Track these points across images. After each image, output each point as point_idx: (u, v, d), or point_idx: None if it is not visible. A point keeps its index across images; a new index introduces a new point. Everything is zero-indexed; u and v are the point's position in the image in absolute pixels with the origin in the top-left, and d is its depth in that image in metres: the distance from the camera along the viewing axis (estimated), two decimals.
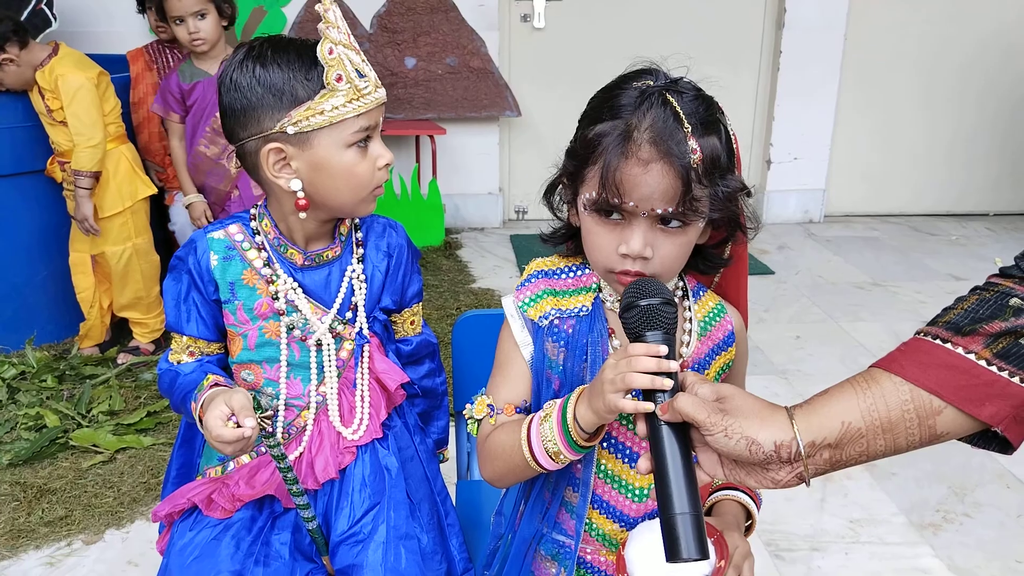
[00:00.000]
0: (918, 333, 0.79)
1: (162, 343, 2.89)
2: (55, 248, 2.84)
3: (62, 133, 2.61)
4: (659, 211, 0.90)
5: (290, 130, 1.06)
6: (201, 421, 1.09)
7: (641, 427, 0.80)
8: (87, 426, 2.36)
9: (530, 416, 0.96)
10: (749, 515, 1.09)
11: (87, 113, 2.56)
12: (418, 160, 4.26)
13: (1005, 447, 0.77)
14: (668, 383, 0.82)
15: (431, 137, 4.10)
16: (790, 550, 1.91)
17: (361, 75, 1.07)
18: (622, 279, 0.95)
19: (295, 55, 1.06)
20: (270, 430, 1.03)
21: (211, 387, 1.10)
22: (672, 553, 0.75)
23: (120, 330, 2.98)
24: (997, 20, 4.46)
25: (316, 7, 1.06)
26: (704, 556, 0.74)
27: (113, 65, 2.83)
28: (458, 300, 3.39)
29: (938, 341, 0.76)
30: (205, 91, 2.66)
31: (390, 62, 4.19)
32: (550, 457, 0.92)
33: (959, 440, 0.78)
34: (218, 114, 2.90)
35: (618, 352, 0.86)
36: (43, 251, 2.84)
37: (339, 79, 1.05)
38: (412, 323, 1.31)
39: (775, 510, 2.03)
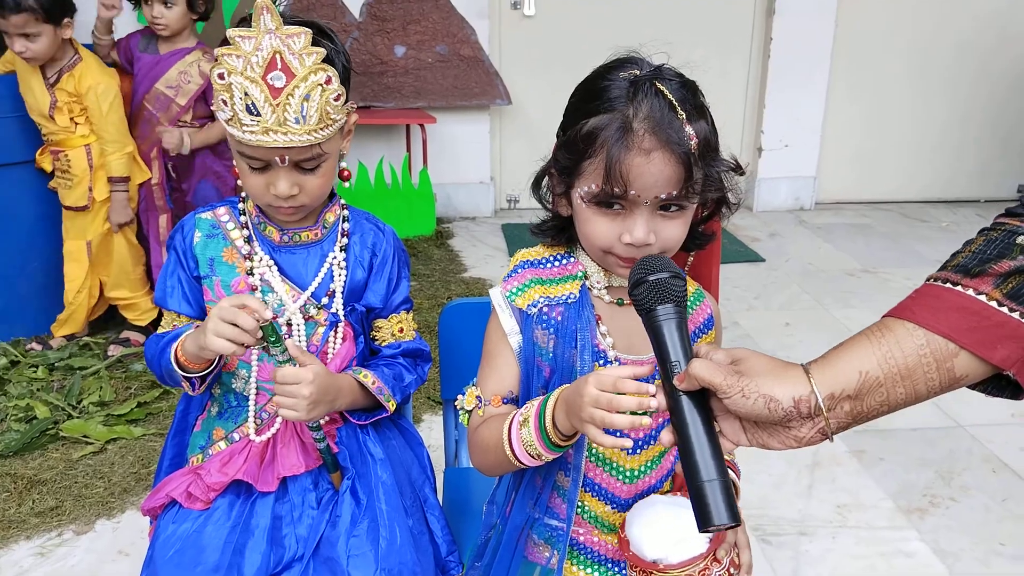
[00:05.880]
0: (929, 279, 0.78)
1: (152, 333, 2.89)
2: (46, 239, 2.83)
3: (58, 125, 2.62)
4: (662, 196, 0.91)
5: (216, 110, 1.10)
6: (179, 363, 1.12)
7: (661, 400, 0.80)
8: (77, 417, 2.36)
9: (511, 415, 0.97)
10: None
11: (122, 121, 2.68)
12: (408, 149, 4.25)
13: (1016, 392, 0.75)
14: (647, 421, 0.82)
15: (421, 126, 4.09)
16: (777, 534, 1.93)
17: (253, 112, 1.04)
18: (622, 263, 0.97)
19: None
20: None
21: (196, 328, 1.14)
22: (704, 521, 0.74)
23: (108, 322, 2.98)
24: (989, 6, 4.47)
25: (229, 32, 1.03)
26: (737, 522, 0.73)
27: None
28: (449, 290, 3.40)
29: (948, 285, 0.75)
30: (148, 67, 2.75)
31: (379, 50, 4.18)
32: (532, 457, 0.94)
33: (971, 388, 0.76)
34: (154, 88, 2.75)
35: (597, 379, 0.84)
36: (34, 242, 2.83)
37: (224, 103, 1.06)
38: (401, 330, 1.30)
39: (763, 495, 2.04)
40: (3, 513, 1.96)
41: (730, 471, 1.12)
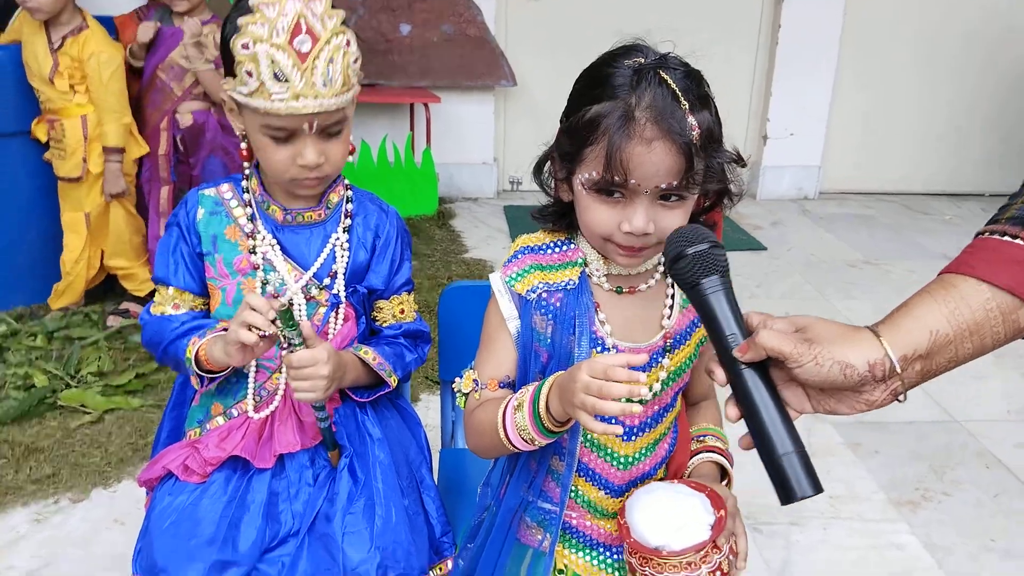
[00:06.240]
0: (981, 232, 0.77)
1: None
2: (44, 210, 2.82)
3: (57, 91, 2.61)
4: (662, 186, 0.91)
5: (230, 91, 1.10)
6: (197, 361, 1.13)
7: (720, 374, 0.79)
8: (75, 386, 2.36)
9: (506, 400, 0.97)
10: (725, 474, 1.13)
11: (122, 92, 2.68)
12: (412, 128, 4.22)
13: None
14: (637, 409, 0.82)
15: (425, 105, 4.07)
16: (769, 523, 1.94)
17: (280, 79, 1.04)
18: (621, 251, 0.97)
19: None
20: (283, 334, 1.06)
21: (222, 329, 1.13)
22: (786, 495, 0.73)
23: (107, 292, 2.97)
24: None
25: (252, 0, 1.03)
26: (819, 490, 0.73)
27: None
28: (449, 270, 3.39)
29: (1007, 238, 0.74)
30: (163, 38, 2.74)
31: (384, 28, 4.14)
32: (525, 442, 0.95)
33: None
34: (168, 58, 2.63)
35: (589, 366, 0.85)
36: (32, 212, 2.83)
37: (248, 74, 1.04)
38: (402, 311, 1.30)
39: (755, 483, 2.04)
40: (0, 480, 1.97)
41: (722, 458, 1.13)
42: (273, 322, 1.04)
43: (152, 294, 1.19)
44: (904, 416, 2.42)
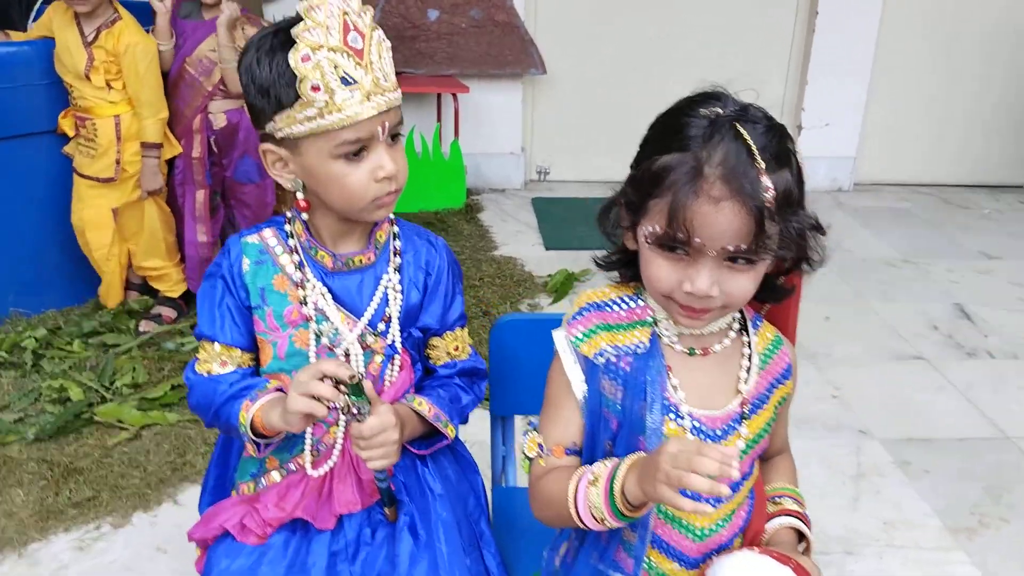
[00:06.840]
0: None
1: (184, 308, 2.85)
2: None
3: (92, 88, 2.56)
4: (730, 248, 0.86)
5: (277, 135, 1.03)
6: (252, 425, 1.06)
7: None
8: (111, 399, 2.34)
9: (579, 472, 0.93)
10: (802, 537, 1.08)
11: (158, 84, 2.62)
12: (439, 119, 4.15)
13: None
14: (726, 491, 0.77)
15: (453, 95, 3.99)
16: (824, 553, 1.89)
17: (348, 82, 0.98)
18: (683, 312, 0.92)
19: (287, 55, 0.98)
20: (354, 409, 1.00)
21: (276, 390, 1.08)
22: None
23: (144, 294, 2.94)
24: None
25: (299, 6, 0.97)
26: None
27: (138, 15, 2.71)
28: (480, 270, 3.34)
29: None
30: (190, 31, 2.67)
31: (412, 14, 4.06)
32: (596, 521, 0.90)
33: None
34: (196, 52, 2.58)
35: (679, 441, 0.81)
36: (61, 213, 2.78)
37: (315, 89, 0.97)
38: (456, 348, 1.24)
39: (808, 508, 2.00)
40: (41, 502, 1.95)
41: (801, 523, 1.08)
42: (341, 390, 0.98)
43: (183, 297, 1.12)
44: (953, 433, 2.36)
